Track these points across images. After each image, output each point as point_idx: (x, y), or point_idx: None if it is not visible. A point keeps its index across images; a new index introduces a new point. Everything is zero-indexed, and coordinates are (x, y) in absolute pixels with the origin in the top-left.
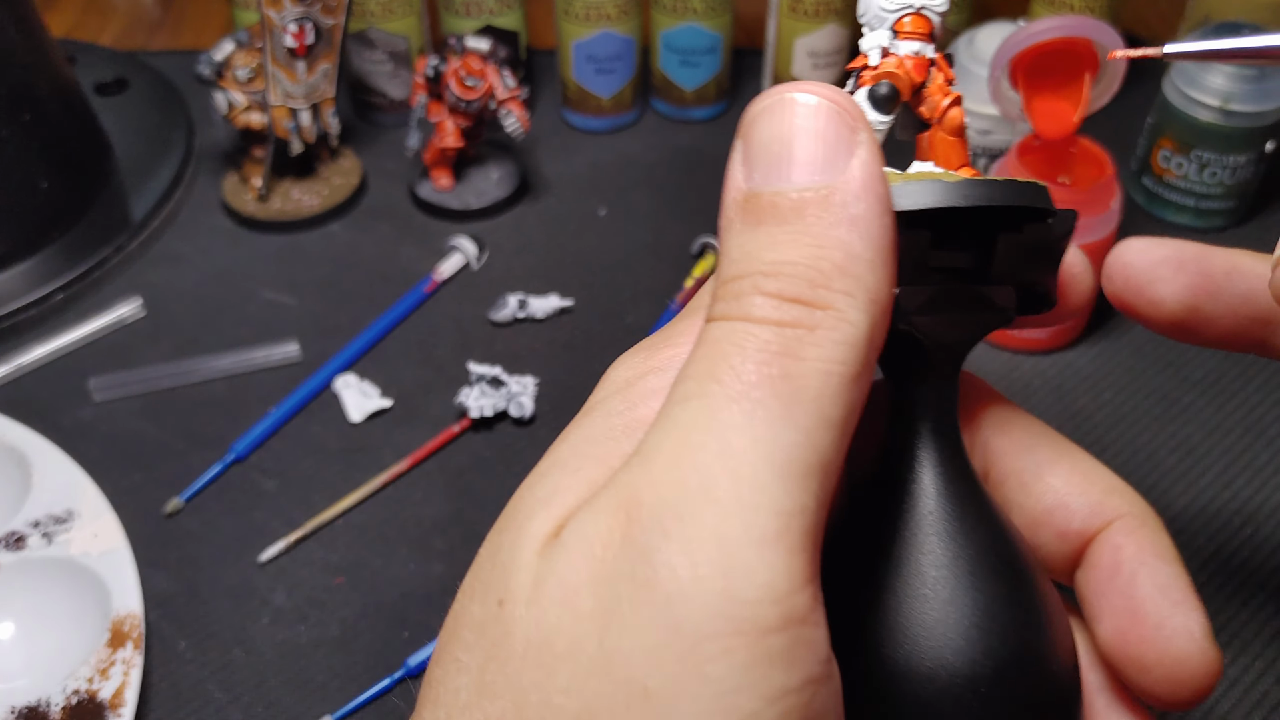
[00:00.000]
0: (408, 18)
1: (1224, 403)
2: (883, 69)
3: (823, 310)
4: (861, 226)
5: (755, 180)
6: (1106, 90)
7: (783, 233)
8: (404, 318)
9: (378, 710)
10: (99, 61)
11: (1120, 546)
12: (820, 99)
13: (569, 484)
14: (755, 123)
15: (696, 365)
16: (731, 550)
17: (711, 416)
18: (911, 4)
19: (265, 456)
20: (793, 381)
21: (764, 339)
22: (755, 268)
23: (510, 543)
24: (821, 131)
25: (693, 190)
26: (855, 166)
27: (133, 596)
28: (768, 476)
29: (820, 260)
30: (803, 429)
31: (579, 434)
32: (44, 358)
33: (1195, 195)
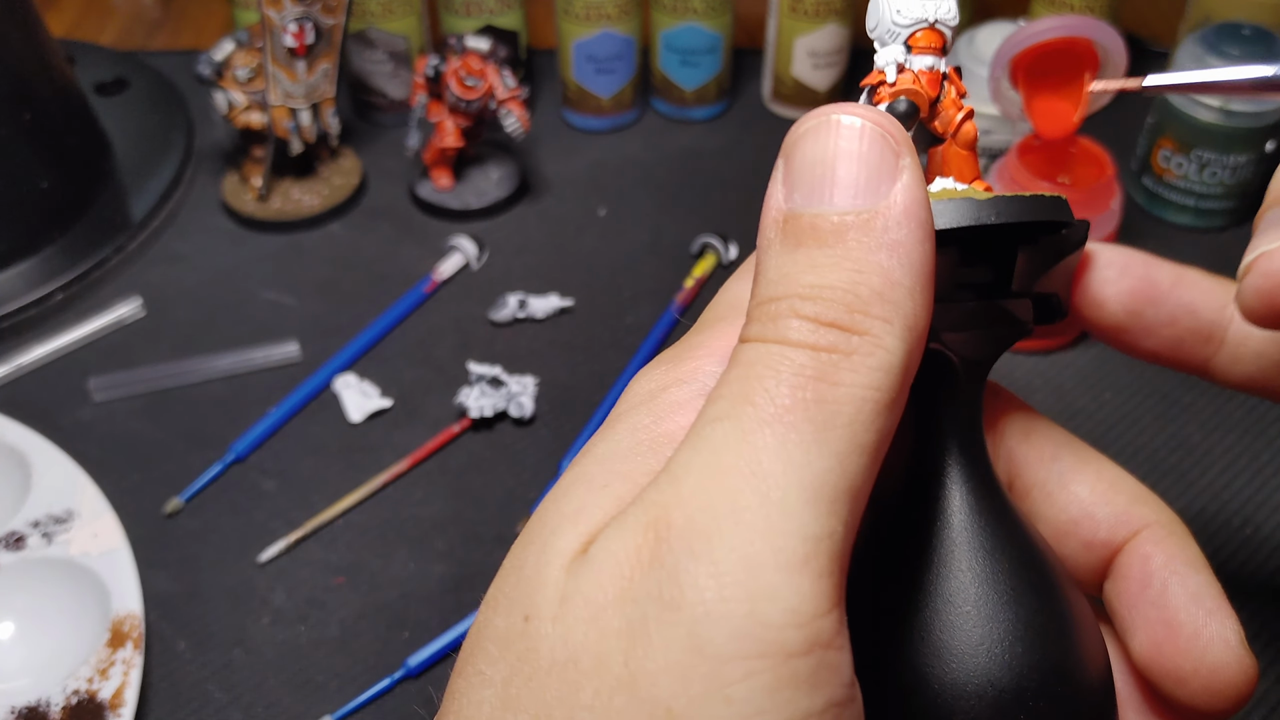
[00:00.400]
0: (408, 17)
1: (1224, 403)
2: (900, 85)
3: (860, 336)
4: (902, 252)
5: (796, 201)
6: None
7: (822, 256)
8: (404, 318)
9: (377, 710)
10: (99, 61)
11: (1149, 556)
12: (864, 121)
13: (596, 500)
14: (798, 143)
15: (729, 386)
16: (758, 573)
17: (743, 438)
18: (925, 18)
19: (265, 456)
20: (827, 406)
21: (799, 362)
22: (793, 290)
23: (535, 557)
24: (865, 155)
25: (693, 190)
26: (898, 191)
27: (132, 597)
28: (797, 501)
29: (859, 285)
30: (835, 454)
31: (605, 447)
32: (44, 358)
33: (1195, 195)
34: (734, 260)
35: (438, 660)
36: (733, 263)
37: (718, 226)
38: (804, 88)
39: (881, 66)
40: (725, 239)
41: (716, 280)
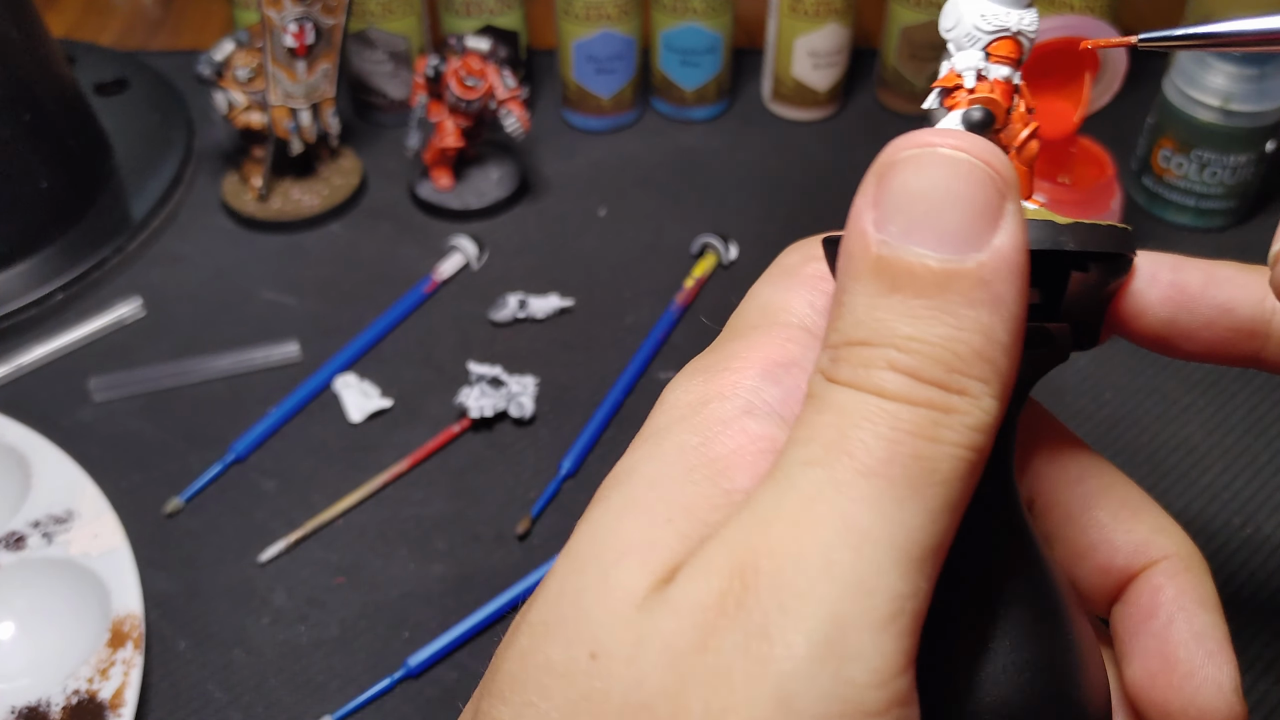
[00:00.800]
0: (408, 18)
1: (1224, 403)
2: (980, 94)
3: (958, 395)
4: (1003, 307)
5: (891, 234)
6: (1106, 90)
7: (920, 306)
8: (404, 318)
9: (378, 710)
10: (99, 61)
11: (1160, 588)
12: (974, 159)
13: (660, 536)
14: (897, 170)
15: (821, 430)
16: (848, 633)
17: (837, 490)
18: (1008, 27)
19: (265, 456)
20: (923, 464)
21: (898, 416)
22: (888, 339)
23: (595, 590)
24: (972, 197)
25: (693, 190)
26: (1003, 240)
27: (133, 596)
28: (889, 559)
29: (958, 344)
30: (927, 512)
31: (653, 470)
32: (44, 358)
33: (1196, 195)
34: (734, 260)
35: (438, 660)
36: (733, 262)
37: (718, 226)
38: (804, 88)
39: (960, 71)
40: (725, 239)
41: (716, 280)
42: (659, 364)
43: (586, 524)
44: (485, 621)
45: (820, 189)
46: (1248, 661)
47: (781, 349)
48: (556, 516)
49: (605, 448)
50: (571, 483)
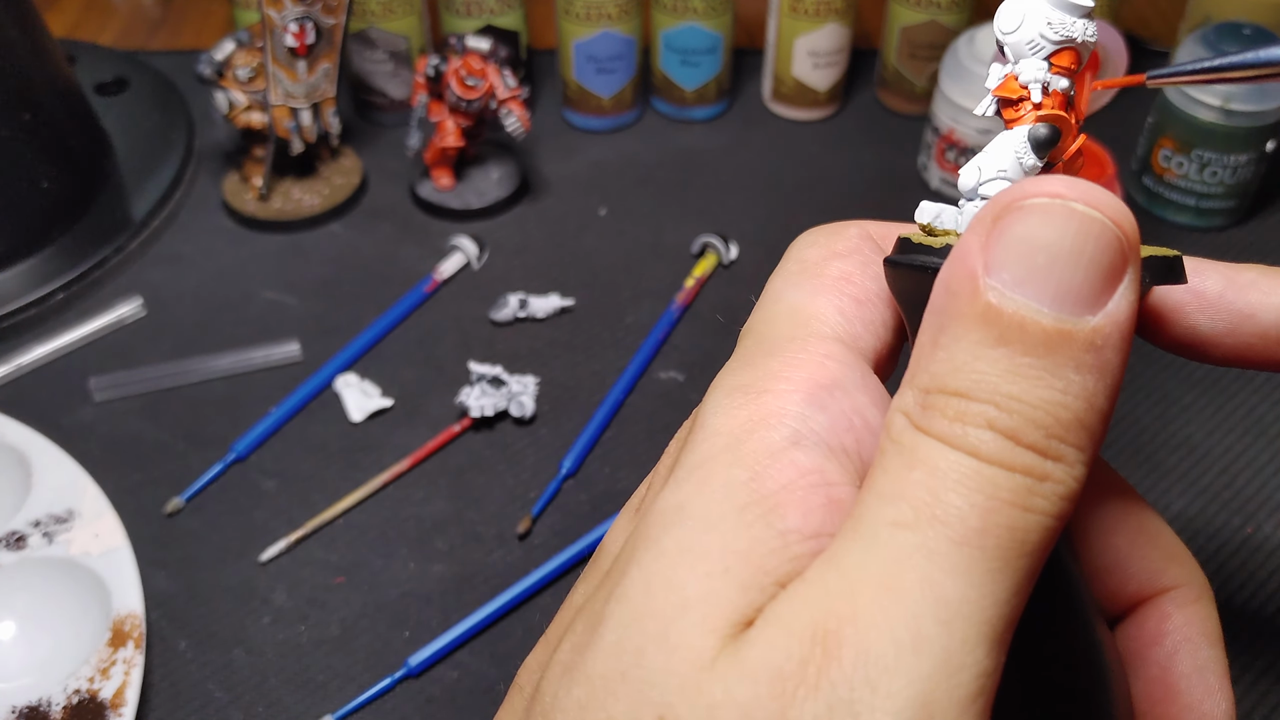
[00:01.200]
0: (408, 17)
1: (1224, 403)
2: (1047, 109)
3: (1054, 461)
4: (1109, 375)
5: (1004, 281)
6: (1107, 90)
7: (1028, 365)
8: (405, 317)
9: (378, 710)
10: (99, 61)
11: (1168, 616)
12: (1104, 217)
13: (719, 587)
14: (1020, 217)
15: (911, 489)
16: (935, 712)
17: (928, 558)
18: (1074, 37)
19: (266, 456)
20: (1016, 534)
21: (995, 483)
22: (989, 395)
23: (657, 646)
24: (1096, 257)
25: (693, 190)
26: (1120, 306)
27: (133, 596)
28: (976, 635)
29: (1061, 409)
30: (1014, 586)
31: (703, 508)
32: (44, 357)
33: (1196, 195)
34: (734, 260)
35: (438, 659)
36: (733, 262)
37: (718, 226)
38: (804, 88)
39: (1026, 83)
40: (725, 239)
41: (717, 280)
42: (659, 364)
43: (639, 569)
44: (486, 621)
45: (820, 189)
46: (1247, 662)
47: (822, 368)
48: (557, 516)
49: (605, 447)
50: (572, 482)
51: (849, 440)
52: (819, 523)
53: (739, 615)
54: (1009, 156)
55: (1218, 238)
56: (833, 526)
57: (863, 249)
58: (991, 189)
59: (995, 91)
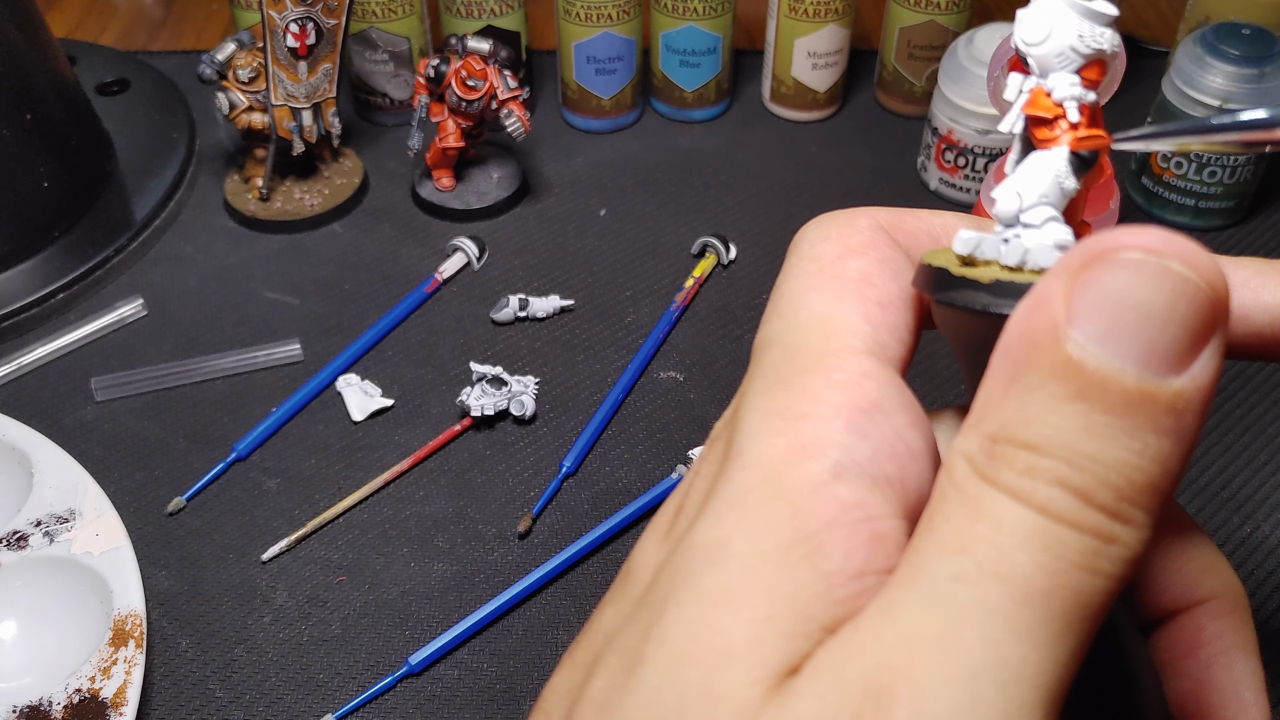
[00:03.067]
0: (409, 18)
1: (1223, 402)
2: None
3: (1123, 524)
4: (1186, 441)
5: (1087, 335)
6: (1106, 90)
7: (1105, 424)
8: (405, 317)
9: (379, 708)
10: (100, 62)
11: (1204, 628)
12: (1200, 279)
13: (762, 633)
14: (1112, 270)
15: (974, 543)
16: None
17: (990, 616)
18: (1104, 49)
19: (267, 456)
20: (1081, 598)
21: (1062, 542)
22: (1062, 453)
23: (700, 694)
24: (1188, 319)
25: (693, 190)
26: (1205, 369)
27: (135, 595)
28: (1035, 699)
29: (1136, 471)
30: (1074, 649)
31: (745, 546)
32: (46, 357)
33: (1195, 195)
34: (733, 260)
35: (439, 658)
36: (732, 262)
37: (718, 227)
38: (804, 88)
39: (1062, 101)
40: (725, 239)
41: (717, 280)
42: (659, 364)
43: (678, 610)
44: (486, 619)
45: (819, 190)
46: None
47: (860, 389)
48: (557, 515)
49: (606, 447)
50: (572, 482)
51: (891, 469)
52: (863, 561)
53: (784, 664)
54: (1049, 180)
55: (1217, 238)
56: (877, 563)
57: (878, 244)
58: (1034, 216)
59: (1026, 109)
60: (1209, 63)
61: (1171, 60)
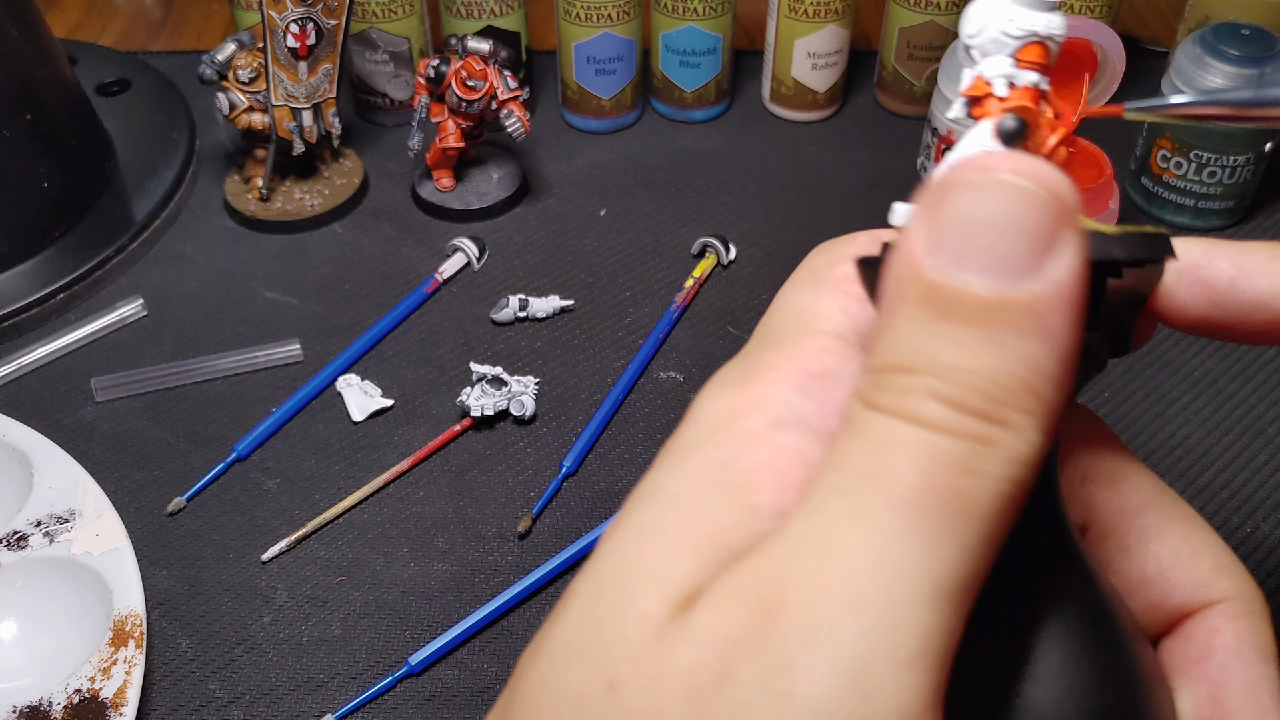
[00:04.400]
0: (409, 19)
1: (1223, 402)
2: (1013, 101)
3: (999, 427)
4: (1054, 339)
5: (943, 259)
6: (1106, 90)
7: (966, 334)
8: (405, 318)
9: (379, 708)
10: (101, 62)
11: (1217, 630)
12: (1036, 186)
13: (680, 559)
14: (954, 194)
15: (855, 456)
16: (873, 670)
17: (869, 520)
18: (1037, 31)
19: (267, 456)
20: (961, 497)
21: (936, 447)
22: (930, 367)
23: (614, 615)
24: (1031, 225)
25: (693, 191)
26: (1060, 270)
27: (135, 595)
28: (918, 595)
29: (1003, 375)
30: (962, 547)
31: (677, 486)
32: (46, 357)
33: (1194, 195)
34: (733, 260)
35: (439, 658)
36: (732, 262)
37: (718, 227)
38: (803, 89)
39: (989, 79)
40: (725, 240)
41: (716, 280)
42: (659, 364)
43: (608, 544)
44: (486, 619)
45: (819, 190)
46: None
47: (817, 360)
48: (557, 515)
49: (606, 447)
50: (572, 482)
51: (836, 425)
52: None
53: (696, 587)
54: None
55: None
56: None
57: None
58: None
59: (963, 92)
60: (1209, 63)
61: (1171, 60)
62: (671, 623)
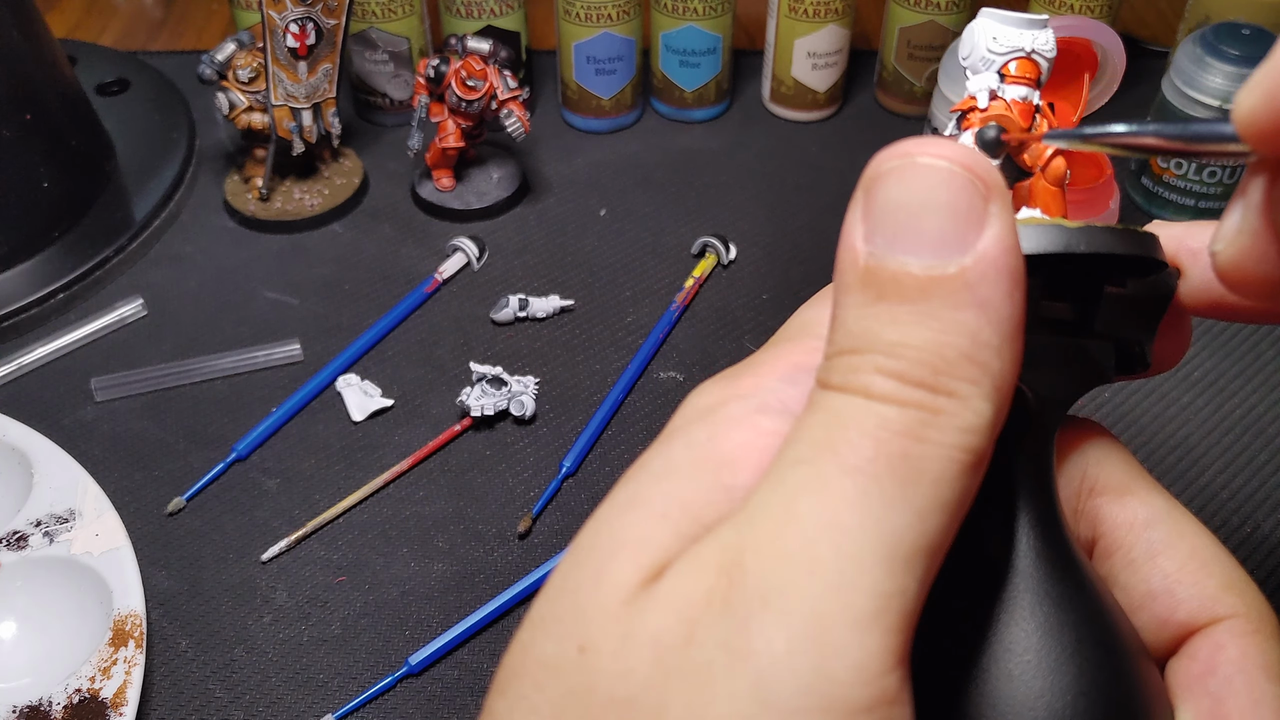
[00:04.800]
0: (408, 19)
1: (1223, 402)
2: (991, 112)
3: (945, 397)
4: (990, 309)
5: (877, 245)
6: (1106, 90)
7: (905, 312)
8: (405, 317)
9: (379, 708)
10: (100, 62)
11: (1223, 647)
12: (951, 164)
13: (654, 531)
14: (880, 182)
15: (811, 430)
16: (828, 628)
17: (823, 486)
18: (1021, 48)
19: (267, 456)
20: (911, 463)
21: (885, 416)
22: (874, 346)
23: (590, 584)
24: (952, 203)
25: (693, 191)
26: (987, 242)
27: (135, 595)
28: (872, 556)
29: (944, 347)
30: (915, 511)
31: (660, 464)
32: (46, 357)
33: (1194, 195)
34: (733, 260)
35: (439, 658)
36: (732, 262)
37: (718, 227)
38: (804, 88)
39: (973, 93)
40: (725, 240)
41: (716, 280)
42: (659, 364)
43: (592, 520)
44: (486, 619)
45: (820, 189)
46: None
47: (807, 355)
48: (557, 515)
49: (605, 447)
50: (572, 481)
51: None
52: None
53: (669, 558)
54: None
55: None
56: None
57: None
58: None
59: (953, 109)
60: (1209, 63)
61: (1171, 60)
62: (642, 590)
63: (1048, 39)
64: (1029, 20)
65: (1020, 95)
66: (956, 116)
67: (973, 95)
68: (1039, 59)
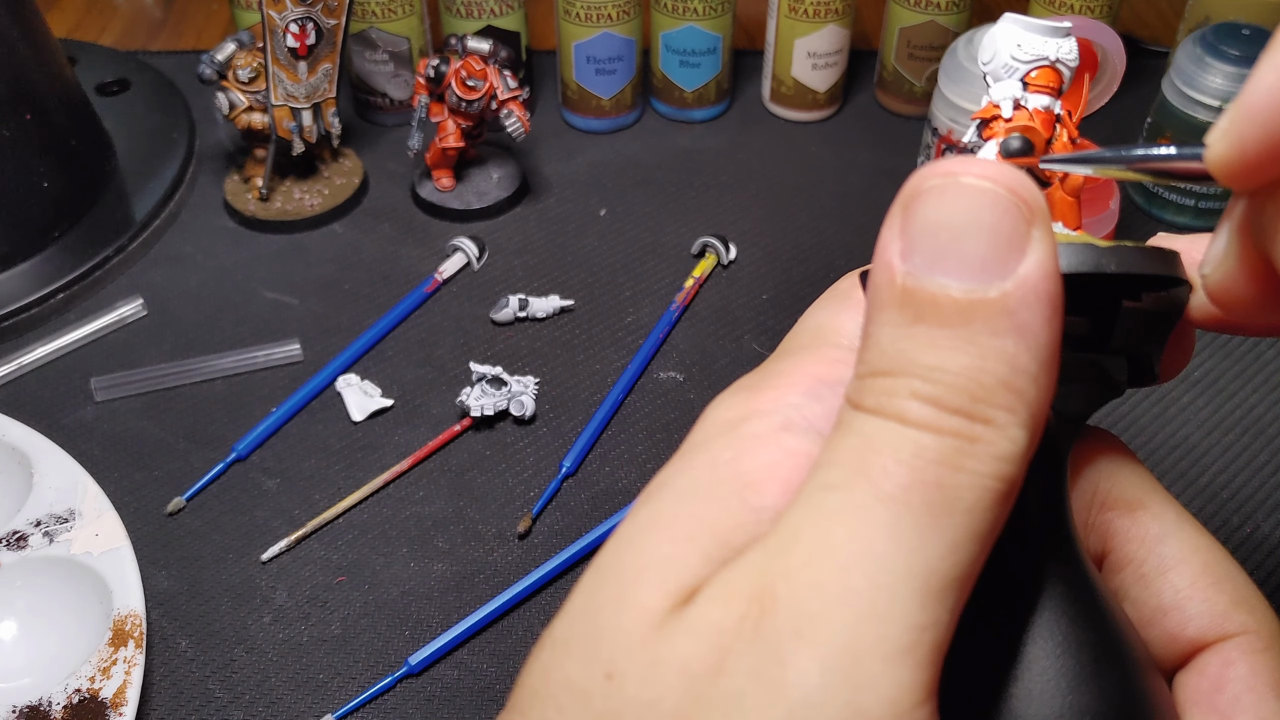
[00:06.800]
0: (408, 18)
1: (1223, 402)
2: (1017, 122)
3: (982, 424)
4: (1029, 336)
5: (915, 265)
6: (1106, 90)
7: (943, 336)
8: (405, 317)
9: (379, 708)
10: (100, 62)
11: (1232, 663)
12: (997, 186)
13: (680, 553)
14: (921, 200)
15: (843, 453)
16: (861, 661)
17: (856, 514)
18: (1046, 56)
19: (267, 456)
20: (946, 492)
21: (921, 443)
22: (911, 369)
23: (613, 606)
24: (995, 226)
25: (693, 191)
26: (1029, 268)
27: (134, 595)
28: (906, 588)
29: (982, 373)
30: (949, 542)
31: (683, 483)
32: (46, 357)
33: (1195, 195)
34: (733, 260)
35: (439, 658)
36: (732, 262)
37: (718, 227)
38: (804, 88)
39: (997, 101)
40: (725, 240)
41: (716, 280)
42: (659, 364)
43: (614, 539)
44: (486, 620)
45: (820, 190)
46: None
47: (829, 368)
48: (557, 515)
49: (605, 447)
50: (572, 482)
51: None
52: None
53: (696, 581)
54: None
55: None
56: None
57: None
58: None
59: (974, 116)
60: (1209, 63)
61: (1171, 60)
62: (670, 616)
63: (1071, 47)
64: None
65: (1043, 104)
66: (977, 124)
67: (995, 103)
68: (1062, 68)
